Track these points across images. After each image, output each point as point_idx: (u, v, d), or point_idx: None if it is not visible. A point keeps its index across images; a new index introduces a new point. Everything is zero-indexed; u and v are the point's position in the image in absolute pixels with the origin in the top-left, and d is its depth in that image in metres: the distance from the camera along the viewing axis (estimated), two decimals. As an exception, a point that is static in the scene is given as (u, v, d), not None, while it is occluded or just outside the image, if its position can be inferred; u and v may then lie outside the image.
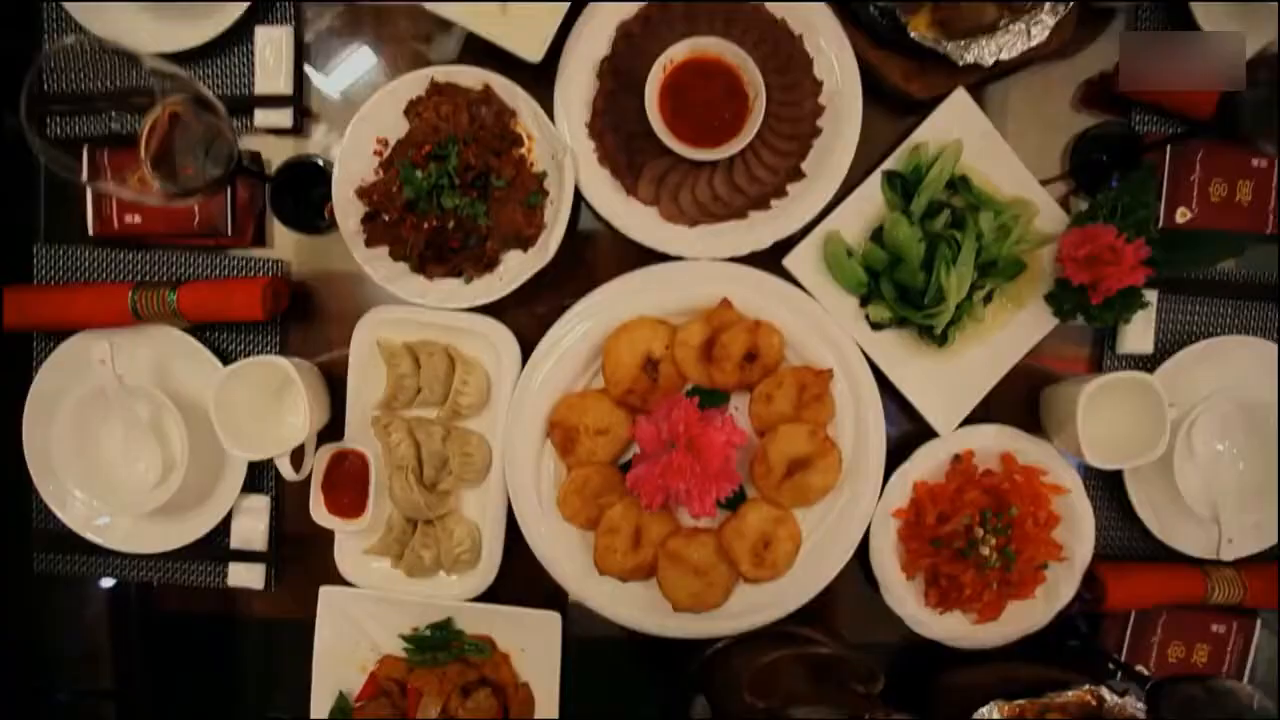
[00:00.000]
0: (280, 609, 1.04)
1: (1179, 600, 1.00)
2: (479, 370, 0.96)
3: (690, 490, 0.90)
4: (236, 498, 1.00)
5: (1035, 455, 0.99)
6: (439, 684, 0.98)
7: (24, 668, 1.06)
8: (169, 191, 0.73)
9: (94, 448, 0.97)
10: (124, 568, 1.03)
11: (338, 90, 1.01)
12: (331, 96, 1.01)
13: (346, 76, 1.00)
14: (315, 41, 1.00)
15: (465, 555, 0.96)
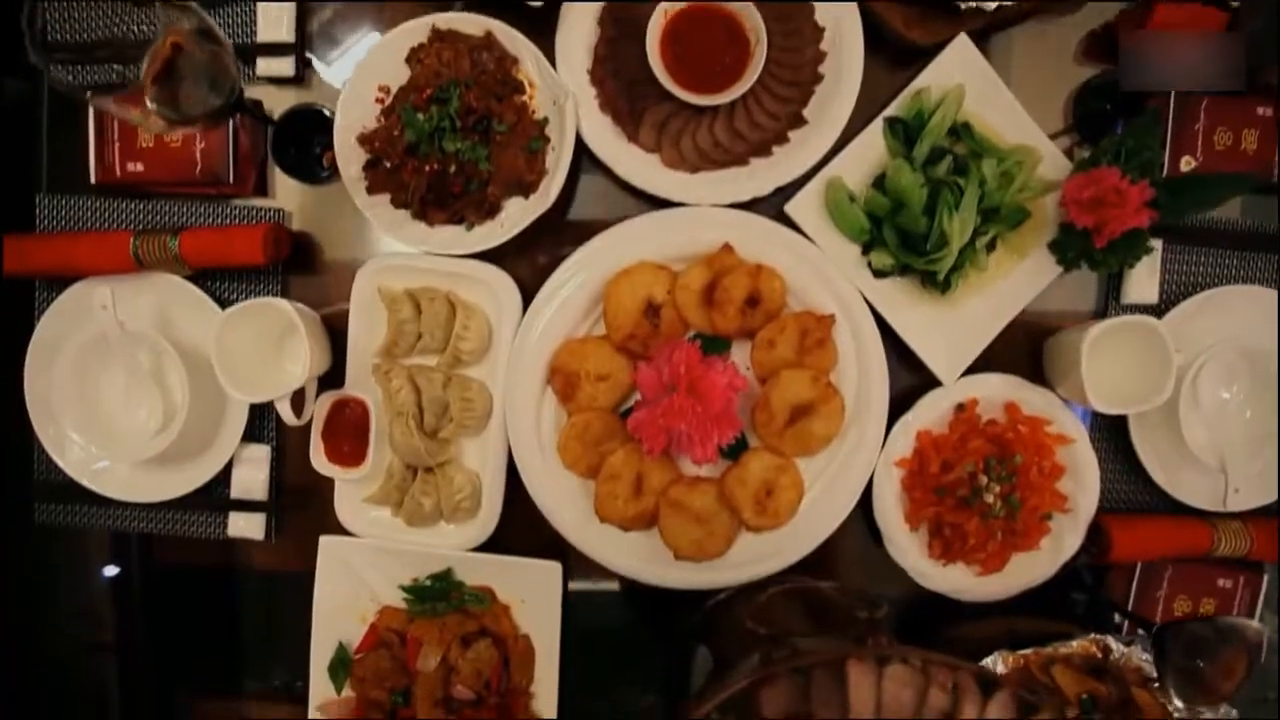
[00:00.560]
0: (280, 561, 1.04)
1: (1185, 552, 0.99)
2: (480, 316, 0.96)
3: (692, 434, 0.89)
4: (237, 447, 0.99)
5: (1039, 405, 0.98)
6: (439, 634, 0.97)
7: (25, 621, 1.05)
8: (169, 118, 0.73)
9: (95, 395, 0.97)
10: (124, 519, 1.03)
11: (339, 39, 1.01)
12: (333, 45, 1.01)
13: (348, 25, 1.01)
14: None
15: (465, 503, 0.96)
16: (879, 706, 0.60)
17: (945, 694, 0.61)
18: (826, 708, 0.60)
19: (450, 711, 0.98)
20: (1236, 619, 0.80)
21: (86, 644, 1.06)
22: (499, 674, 0.98)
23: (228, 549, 1.04)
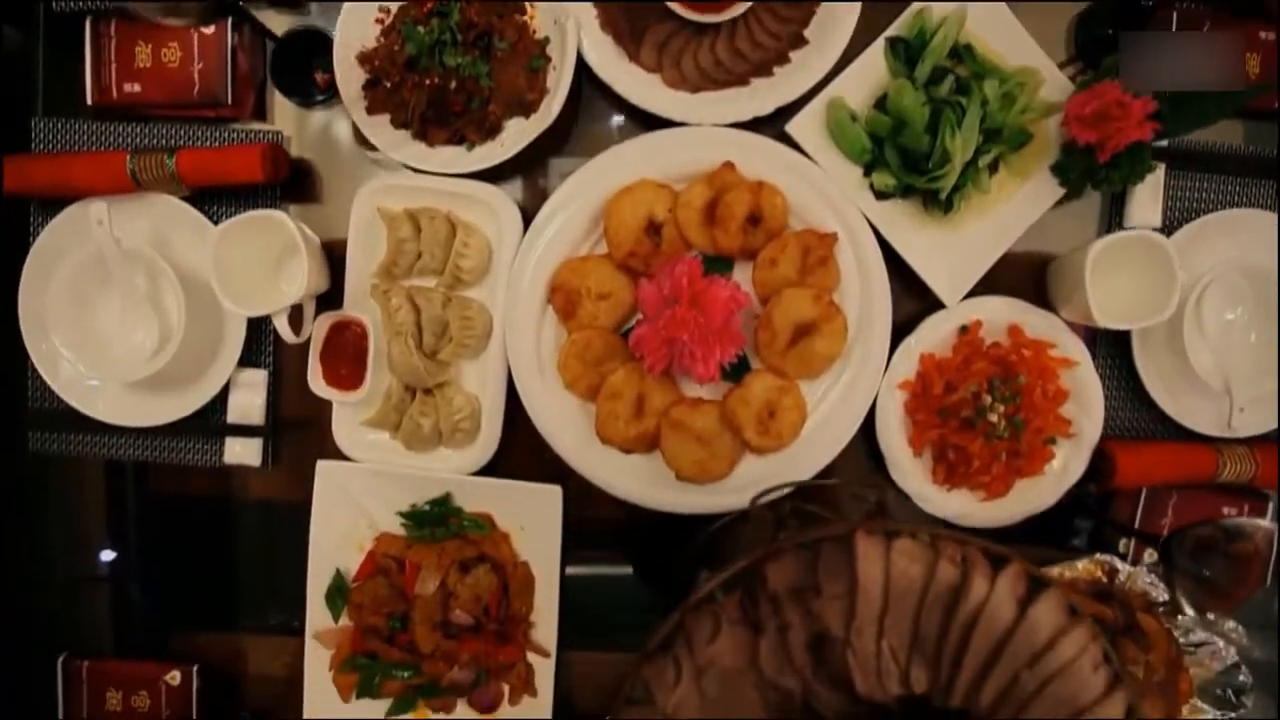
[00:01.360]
0: (277, 489, 1.03)
1: (1189, 477, 0.98)
2: (479, 235, 0.95)
3: (693, 350, 0.88)
4: (233, 371, 0.98)
5: (1043, 328, 0.98)
6: (437, 559, 0.96)
7: (18, 553, 1.04)
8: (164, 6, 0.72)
9: (91, 316, 0.96)
10: (119, 447, 1.01)
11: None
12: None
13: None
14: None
15: (464, 423, 0.95)
16: (887, 580, 0.59)
17: (954, 566, 0.60)
18: (834, 581, 0.59)
19: (448, 637, 0.97)
20: (1244, 520, 0.79)
21: (81, 575, 1.05)
22: (498, 600, 0.97)
23: (223, 477, 1.03)
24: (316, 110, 1.01)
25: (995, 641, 0.59)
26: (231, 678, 1.05)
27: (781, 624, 0.58)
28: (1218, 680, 0.98)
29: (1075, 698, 0.60)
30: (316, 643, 1.00)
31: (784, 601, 0.59)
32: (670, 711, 0.59)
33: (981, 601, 0.60)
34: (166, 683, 1.01)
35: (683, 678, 0.60)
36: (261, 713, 1.05)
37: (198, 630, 1.05)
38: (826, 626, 0.57)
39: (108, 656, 1.04)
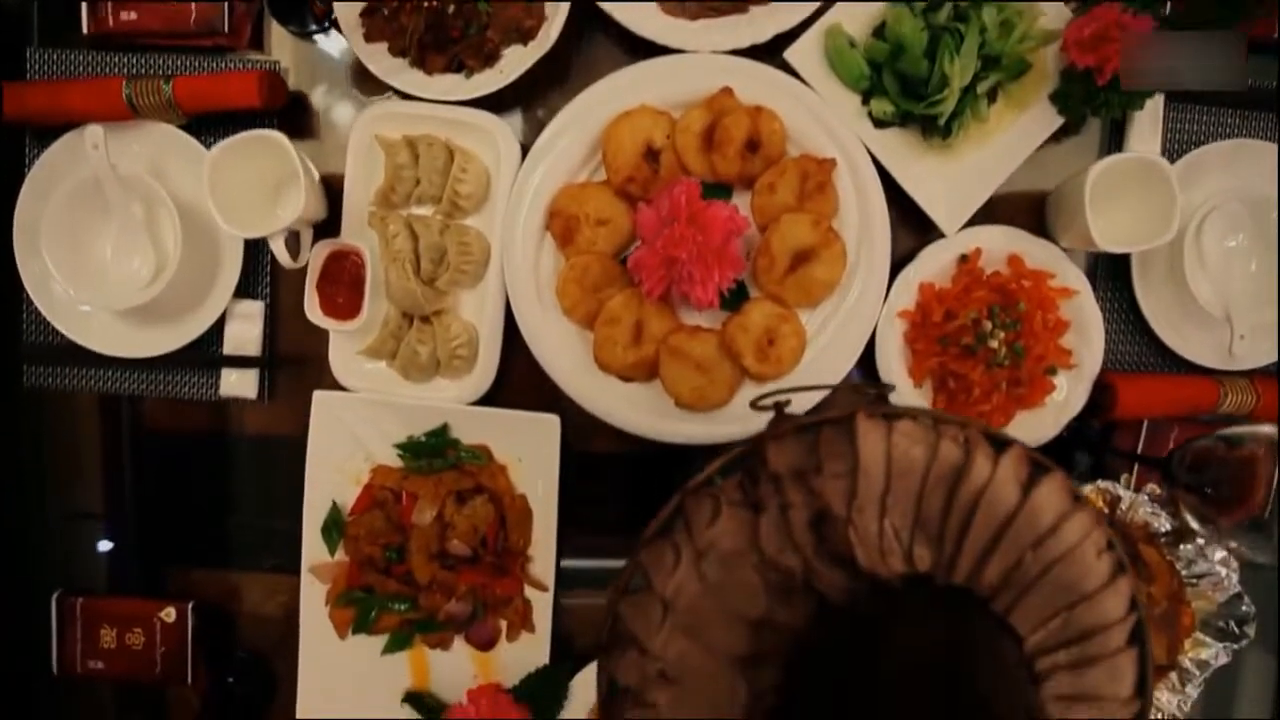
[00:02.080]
0: (273, 423, 1.02)
1: (1191, 408, 0.98)
2: (477, 162, 0.95)
3: (692, 271, 0.88)
4: (230, 302, 0.98)
5: (1043, 258, 0.97)
6: (434, 489, 0.96)
7: (12, 489, 1.03)
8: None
9: (87, 244, 0.95)
10: (114, 380, 1.01)
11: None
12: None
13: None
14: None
15: (462, 350, 0.94)
16: (889, 459, 0.59)
17: (957, 447, 0.59)
18: (835, 460, 0.58)
19: (445, 568, 0.96)
20: (1243, 427, 0.79)
21: (75, 513, 1.04)
22: (495, 532, 0.96)
23: (220, 412, 1.02)
24: (314, 40, 1.00)
25: (998, 523, 0.59)
26: (227, 616, 1.04)
27: (783, 503, 0.58)
28: (1220, 612, 0.97)
29: (1079, 583, 0.60)
30: (312, 576, 0.99)
31: (785, 481, 0.58)
32: (669, 595, 0.59)
33: (984, 483, 0.59)
34: (161, 619, 1.00)
35: (682, 561, 0.59)
36: (257, 651, 1.04)
37: (193, 568, 1.04)
38: (828, 504, 0.57)
39: (102, 594, 1.03)
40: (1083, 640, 0.60)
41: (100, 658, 1.01)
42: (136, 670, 1.01)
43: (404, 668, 1.01)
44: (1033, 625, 0.58)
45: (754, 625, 0.57)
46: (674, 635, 0.59)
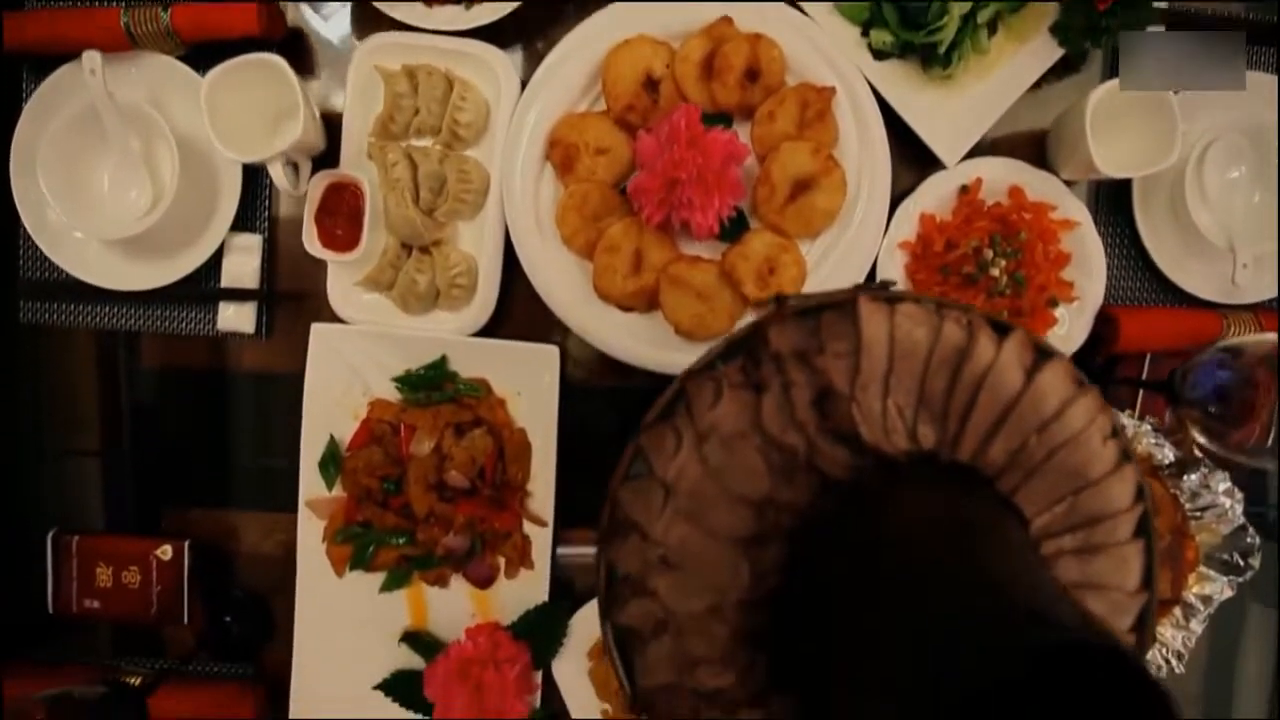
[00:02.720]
0: (271, 360, 1.02)
1: (1194, 342, 0.97)
2: (476, 91, 0.95)
3: (692, 197, 0.88)
4: (227, 235, 0.97)
5: (1044, 190, 0.97)
6: (432, 420, 0.95)
7: (8, 426, 1.02)
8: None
9: (85, 174, 0.95)
10: (111, 316, 1.00)
11: None
12: None
13: None
14: None
15: (461, 279, 0.94)
16: (892, 340, 0.58)
17: (960, 329, 0.59)
18: (838, 340, 0.58)
19: (443, 499, 0.95)
20: (1245, 337, 0.78)
21: (71, 451, 1.03)
22: (493, 464, 0.96)
23: (217, 348, 1.02)
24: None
25: (1003, 406, 0.58)
26: (224, 555, 1.03)
27: (785, 383, 0.57)
28: (1225, 545, 0.97)
29: (1085, 469, 0.59)
30: (310, 512, 0.98)
31: (787, 361, 0.57)
32: (670, 479, 0.58)
33: (988, 365, 0.58)
34: (158, 557, 0.99)
35: (683, 445, 0.58)
36: (254, 591, 1.03)
37: (190, 507, 1.04)
38: (831, 382, 0.56)
39: (98, 532, 1.02)
40: (1089, 526, 0.60)
41: (96, 596, 1.00)
42: (132, 609, 1.00)
43: (402, 607, 1.01)
44: (1038, 507, 0.58)
45: (757, 506, 0.56)
46: (675, 520, 0.58)
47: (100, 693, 0.78)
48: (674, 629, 0.59)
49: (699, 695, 0.60)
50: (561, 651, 0.99)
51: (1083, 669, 0.36)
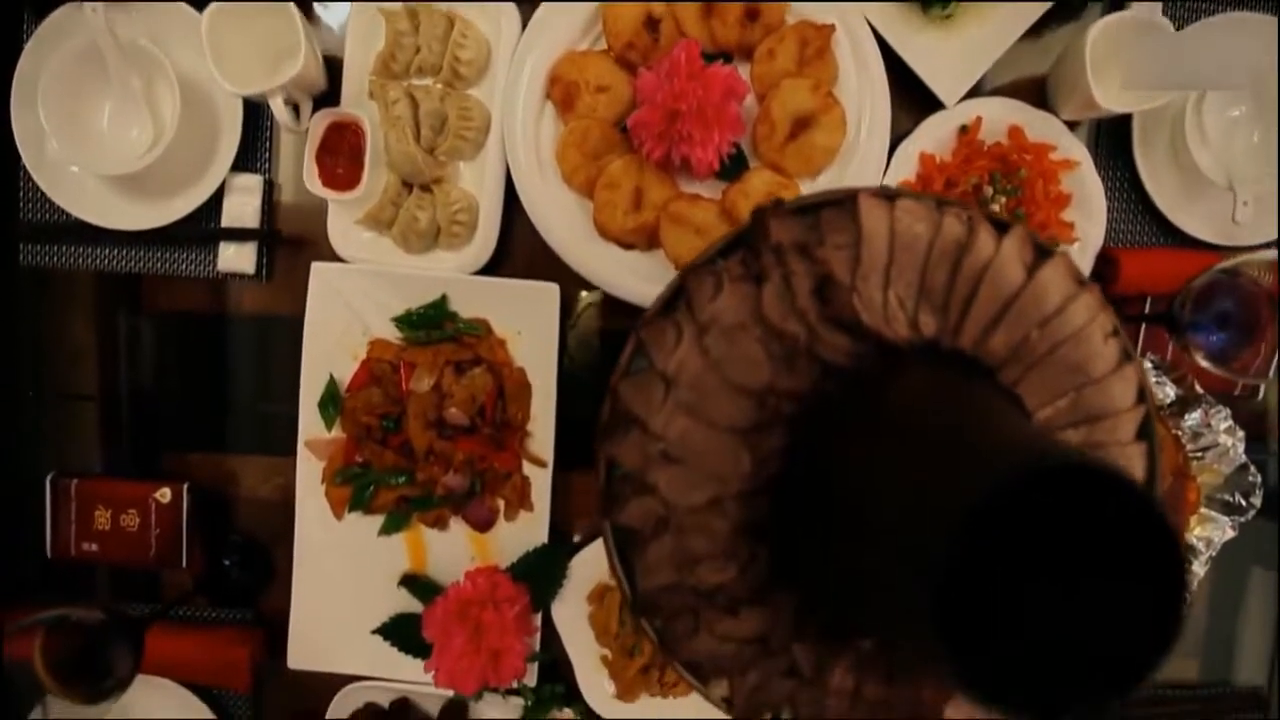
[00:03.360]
0: (271, 304, 1.01)
1: (1194, 282, 0.97)
2: (477, 29, 0.95)
3: (693, 132, 0.88)
4: (227, 175, 0.97)
5: (1043, 130, 0.97)
6: (432, 358, 0.95)
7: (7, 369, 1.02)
8: None
9: (86, 111, 0.95)
10: (111, 258, 1.00)
11: None
12: None
13: None
14: None
15: (461, 215, 0.94)
16: (892, 234, 0.58)
17: (960, 224, 0.59)
18: (838, 233, 0.58)
19: (442, 437, 0.95)
20: (1242, 257, 0.78)
21: (70, 394, 1.03)
22: (493, 403, 0.96)
23: (217, 291, 1.02)
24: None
25: (1004, 299, 0.58)
26: (222, 499, 1.03)
27: (785, 273, 0.57)
28: (1226, 485, 0.96)
29: (1087, 365, 0.59)
30: (308, 453, 0.98)
31: (787, 252, 0.57)
32: (671, 372, 0.58)
33: (989, 258, 0.58)
34: (156, 500, 0.99)
35: (683, 338, 0.58)
36: (252, 536, 1.03)
37: (188, 451, 1.03)
38: (831, 272, 0.56)
39: (97, 475, 1.02)
40: (1091, 423, 0.59)
41: (94, 540, 1.00)
42: (131, 553, 1.00)
43: (401, 550, 1.00)
44: (1041, 400, 0.57)
45: (758, 395, 0.56)
46: (676, 413, 0.58)
47: (99, 618, 0.78)
48: (674, 526, 0.59)
49: (700, 595, 0.60)
50: (561, 595, 0.99)
51: (1083, 487, 0.36)
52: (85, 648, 0.76)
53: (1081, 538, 0.37)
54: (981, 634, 0.38)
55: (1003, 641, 0.38)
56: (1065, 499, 0.36)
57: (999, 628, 0.38)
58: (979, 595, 0.38)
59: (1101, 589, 0.38)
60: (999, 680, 0.37)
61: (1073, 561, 0.38)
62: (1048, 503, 0.36)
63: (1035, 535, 0.37)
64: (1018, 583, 0.38)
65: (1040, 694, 0.37)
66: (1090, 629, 0.37)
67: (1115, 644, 0.37)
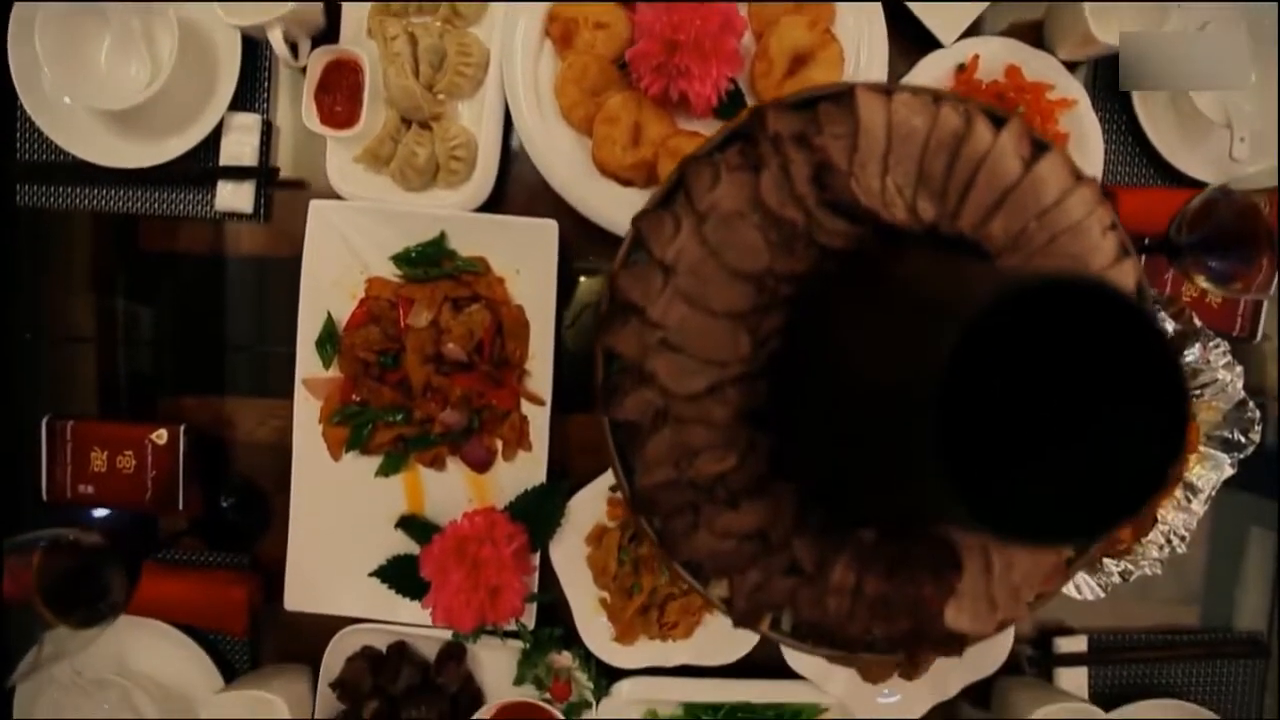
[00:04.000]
0: (269, 245, 1.01)
1: (1193, 220, 0.97)
2: (476, -34, 0.95)
3: (690, 66, 0.88)
4: (225, 114, 0.97)
5: (1041, 69, 0.97)
6: (431, 294, 0.95)
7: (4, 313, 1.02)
8: None
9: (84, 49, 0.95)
10: (109, 199, 1.00)
11: None
12: None
13: None
14: None
15: (460, 152, 0.94)
16: (890, 126, 0.58)
17: (958, 115, 0.59)
18: (836, 124, 0.58)
19: (440, 372, 0.95)
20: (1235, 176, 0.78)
21: (66, 337, 1.03)
22: (491, 338, 0.95)
23: (215, 232, 1.01)
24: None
25: (1002, 188, 0.58)
26: (219, 442, 1.02)
27: (783, 161, 0.57)
28: (1225, 422, 0.96)
29: (1085, 258, 0.59)
30: (306, 392, 0.97)
31: (785, 142, 0.57)
32: (670, 260, 0.58)
33: (986, 148, 0.58)
34: (153, 441, 0.99)
35: (682, 228, 0.58)
36: (249, 478, 1.03)
37: (184, 394, 1.03)
38: (829, 158, 0.56)
39: (93, 418, 1.01)
40: (1090, 316, 0.59)
41: (90, 482, 1.00)
42: (127, 495, 0.99)
43: (398, 492, 1.00)
44: (1039, 289, 0.57)
45: (756, 279, 0.56)
46: (675, 300, 0.58)
47: (96, 541, 0.77)
48: (673, 417, 0.59)
49: (699, 489, 0.60)
50: (559, 537, 0.99)
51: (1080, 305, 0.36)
52: (81, 569, 0.76)
53: (1080, 358, 0.37)
54: (986, 463, 0.38)
55: (1007, 469, 0.38)
56: (1063, 315, 0.36)
57: (1003, 456, 0.38)
58: (981, 423, 0.38)
59: (1103, 410, 0.37)
60: (1006, 510, 0.37)
61: (1073, 384, 0.37)
62: (1046, 319, 0.36)
63: (1035, 355, 0.37)
64: (1019, 407, 0.38)
65: (1047, 520, 0.37)
66: (1094, 451, 0.37)
67: (1120, 465, 0.36)
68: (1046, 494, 0.37)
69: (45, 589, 0.75)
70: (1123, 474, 0.36)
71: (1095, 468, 0.37)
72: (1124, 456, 0.36)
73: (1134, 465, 0.36)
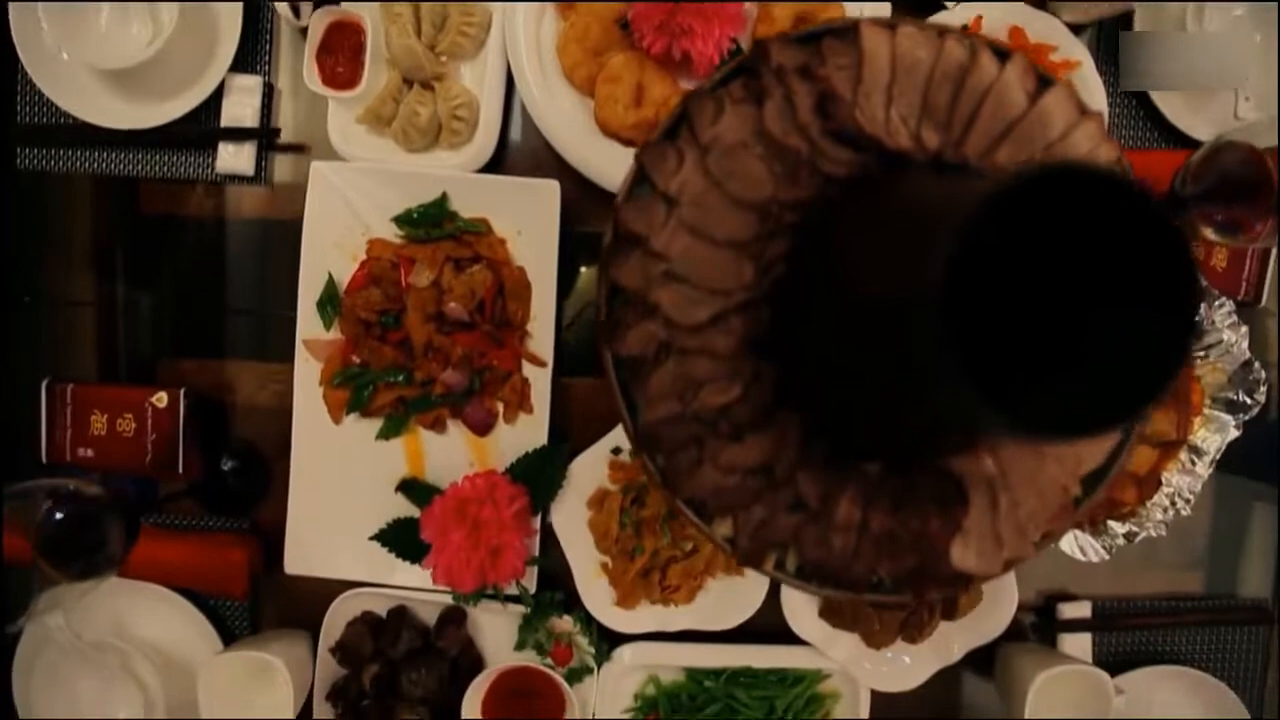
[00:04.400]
0: (271, 209, 1.01)
1: (1196, 183, 0.97)
2: (477, -75, 0.95)
3: (693, 25, 0.88)
4: (226, 75, 0.97)
5: (1045, 31, 0.97)
6: (432, 254, 0.94)
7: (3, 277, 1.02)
8: None
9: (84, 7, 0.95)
10: (109, 161, 1.00)
11: None
12: None
13: None
14: None
15: (462, 112, 0.93)
16: (894, 58, 0.58)
17: (962, 48, 0.59)
18: (840, 56, 0.58)
19: (441, 332, 0.95)
20: (1237, 127, 0.77)
21: (66, 300, 1.02)
22: (493, 298, 0.95)
23: (216, 195, 1.01)
24: None
25: (1007, 121, 0.58)
26: (219, 406, 1.02)
27: (787, 92, 0.57)
28: (1230, 383, 0.96)
29: (1090, 192, 0.59)
30: (306, 354, 0.97)
31: (789, 74, 0.57)
32: (673, 192, 0.57)
33: (991, 80, 0.58)
34: (153, 404, 0.98)
35: (685, 160, 0.58)
36: (249, 442, 1.02)
37: (184, 358, 1.03)
38: (833, 89, 0.56)
39: (93, 381, 1.01)
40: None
41: (90, 445, 0.99)
42: (127, 458, 0.99)
43: (399, 455, 0.99)
44: (1045, 221, 0.57)
45: (760, 208, 0.56)
46: (678, 231, 0.57)
47: (95, 492, 0.77)
48: (676, 350, 0.58)
49: (703, 422, 0.59)
50: (560, 501, 0.98)
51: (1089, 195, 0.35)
52: (80, 518, 0.75)
53: (1088, 251, 0.37)
54: (998, 360, 0.37)
55: (1022, 364, 0.37)
56: (1069, 208, 0.35)
57: (1016, 352, 0.38)
58: (989, 324, 0.38)
59: (1113, 302, 0.37)
60: (1020, 406, 0.36)
61: (1083, 276, 0.37)
62: (1051, 213, 0.35)
63: (1044, 245, 0.37)
64: (1030, 300, 0.37)
65: (1062, 414, 0.36)
66: (1105, 342, 0.37)
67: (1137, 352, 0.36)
68: (1062, 388, 0.37)
69: (43, 539, 0.75)
70: (1140, 361, 0.36)
71: (1110, 357, 0.36)
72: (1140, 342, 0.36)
73: (1150, 350, 0.36)
